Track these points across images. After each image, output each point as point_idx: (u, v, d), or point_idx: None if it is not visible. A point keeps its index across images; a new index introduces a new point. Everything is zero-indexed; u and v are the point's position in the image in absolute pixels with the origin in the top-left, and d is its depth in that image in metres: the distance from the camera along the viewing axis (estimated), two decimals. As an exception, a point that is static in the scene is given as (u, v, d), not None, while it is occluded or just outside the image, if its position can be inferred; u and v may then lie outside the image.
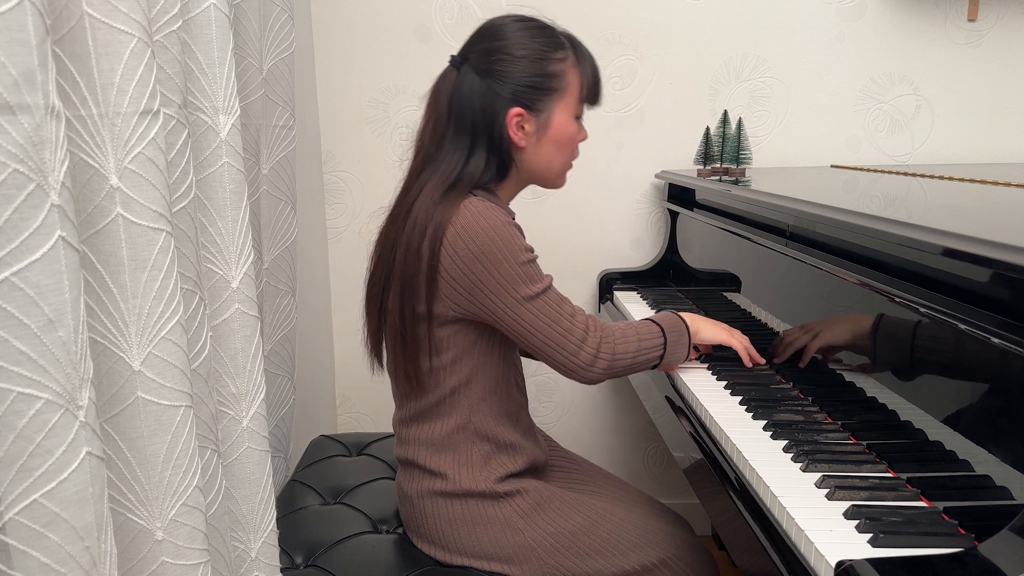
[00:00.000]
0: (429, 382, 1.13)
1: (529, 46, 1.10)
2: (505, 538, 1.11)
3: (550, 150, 1.14)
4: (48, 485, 0.58)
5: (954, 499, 0.79)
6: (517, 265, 1.05)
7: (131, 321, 0.72)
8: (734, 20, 1.93)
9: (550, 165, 1.15)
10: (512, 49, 1.09)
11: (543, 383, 2.10)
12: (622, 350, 1.11)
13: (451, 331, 1.10)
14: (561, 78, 1.11)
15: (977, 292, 0.79)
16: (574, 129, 1.15)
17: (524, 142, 1.12)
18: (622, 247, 2.03)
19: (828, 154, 1.99)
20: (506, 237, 1.05)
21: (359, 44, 1.90)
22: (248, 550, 0.98)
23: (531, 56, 1.09)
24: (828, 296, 1.10)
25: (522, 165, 1.14)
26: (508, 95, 1.09)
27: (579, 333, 1.07)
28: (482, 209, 1.06)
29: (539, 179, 1.18)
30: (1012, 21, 1.93)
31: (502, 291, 1.05)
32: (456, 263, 1.05)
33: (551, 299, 1.08)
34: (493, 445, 1.14)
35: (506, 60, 1.09)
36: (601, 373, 1.10)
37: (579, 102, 1.15)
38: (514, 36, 1.10)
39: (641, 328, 1.15)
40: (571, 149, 1.17)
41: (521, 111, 1.09)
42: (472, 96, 1.09)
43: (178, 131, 0.78)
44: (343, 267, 2.01)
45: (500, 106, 1.09)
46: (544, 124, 1.12)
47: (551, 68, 1.10)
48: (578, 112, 1.15)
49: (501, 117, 1.09)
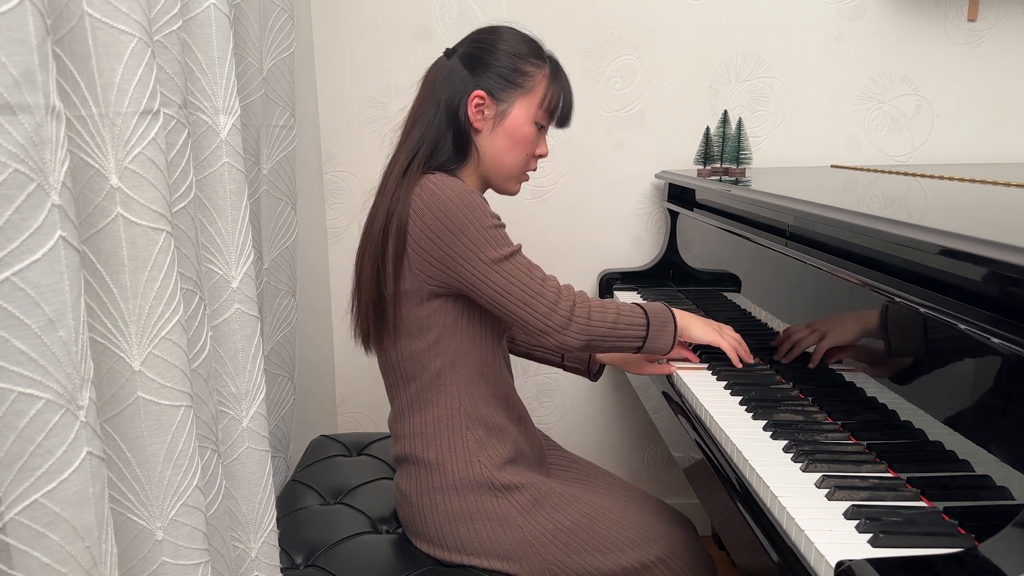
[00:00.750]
0: (413, 367, 1.14)
1: (512, 45, 1.17)
2: (504, 534, 1.11)
3: (503, 142, 1.17)
4: (49, 485, 0.58)
5: (954, 499, 0.80)
6: (484, 229, 1.07)
7: (131, 321, 0.72)
8: (734, 20, 1.93)
9: (501, 159, 1.18)
10: (497, 44, 1.17)
11: (543, 383, 2.10)
12: (599, 318, 1.11)
13: (430, 310, 1.12)
14: (530, 78, 1.17)
15: (977, 292, 0.79)
16: (530, 132, 1.18)
17: (481, 125, 1.16)
18: (622, 247, 2.03)
19: (828, 154, 1.99)
20: (470, 202, 1.08)
21: (359, 44, 1.90)
22: (248, 550, 0.98)
23: (509, 52, 1.16)
24: (828, 296, 1.10)
25: (479, 153, 1.18)
26: (478, 79, 1.15)
27: (551, 296, 1.09)
28: (445, 180, 1.10)
29: (492, 172, 1.20)
30: (1012, 21, 1.93)
31: (471, 255, 1.07)
32: (425, 234, 1.08)
33: (520, 263, 1.09)
34: (484, 429, 1.15)
35: (487, 51, 1.17)
36: (576, 336, 1.10)
37: (541, 109, 1.18)
38: (503, 36, 1.18)
39: (623, 306, 1.16)
40: (524, 151, 1.19)
41: (483, 94, 1.15)
42: (450, 78, 1.17)
43: (178, 131, 0.78)
44: (343, 267, 2.01)
45: (467, 88, 1.15)
46: (502, 114, 1.16)
47: (523, 67, 1.17)
48: (539, 120, 1.19)
49: (465, 96, 1.15)
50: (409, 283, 1.11)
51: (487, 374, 1.17)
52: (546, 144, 1.23)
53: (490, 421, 1.15)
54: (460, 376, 1.14)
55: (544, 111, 1.18)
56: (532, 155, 1.21)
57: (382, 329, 1.15)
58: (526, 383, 2.09)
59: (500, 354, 1.20)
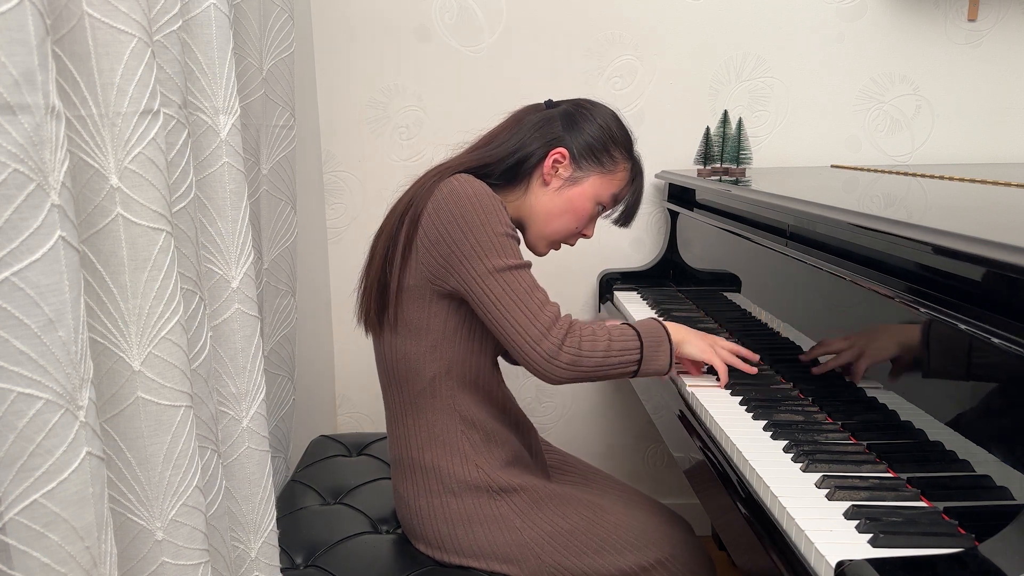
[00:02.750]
0: (407, 370, 1.13)
1: (611, 126, 1.20)
2: (502, 536, 1.11)
3: (562, 205, 1.19)
4: (48, 485, 0.58)
5: (954, 499, 0.79)
6: (495, 235, 1.06)
7: (131, 321, 0.72)
8: (734, 20, 1.93)
9: (552, 219, 1.20)
10: (597, 118, 1.20)
11: (543, 383, 2.10)
12: (589, 348, 1.05)
13: (431, 312, 1.10)
14: (614, 163, 1.20)
15: (977, 292, 0.79)
16: (590, 208, 1.20)
17: (550, 180, 1.18)
18: (622, 247, 2.03)
19: (828, 154, 1.99)
20: (488, 206, 1.06)
21: (359, 44, 1.90)
22: (248, 550, 0.98)
23: (606, 129, 1.19)
24: (828, 296, 1.10)
25: (530, 198, 1.19)
26: (569, 138, 1.18)
27: (545, 320, 1.04)
28: (470, 179, 1.09)
29: (534, 225, 1.21)
30: (1012, 21, 1.93)
31: (475, 257, 1.05)
32: (436, 223, 1.07)
33: (523, 279, 1.06)
34: (482, 433, 1.14)
35: (587, 119, 1.19)
36: (565, 368, 1.04)
37: (610, 196, 1.21)
38: (607, 114, 1.21)
39: (614, 331, 1.09)
40: (575, 223, 1.21)
41: (566, 152, 1.17)
42: (543, 125, 1.18)
43: (178, 131, 0.78)
44: (343, 267, 2.01)
45: (555, 141, 1.18)
46: (574, 180, 1.18)
47: (613, 150, 1.20)
48: (604, 203, 1.21)
49: (549, 148, 1.17)
50: (414, 278, 1.10)
51: (482, 385, 1.15)
52: (594, 227, 1.25)
53: (487, 426, 1.15)
54: (454, 384, 1.13)
55: (612, 197, 1.21)
56: (579, 231, 1.22)
57: (382, 317, 1.14)
58: (526, 383, 2.09)
59: (498, 372, 1.19)
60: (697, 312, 1.64)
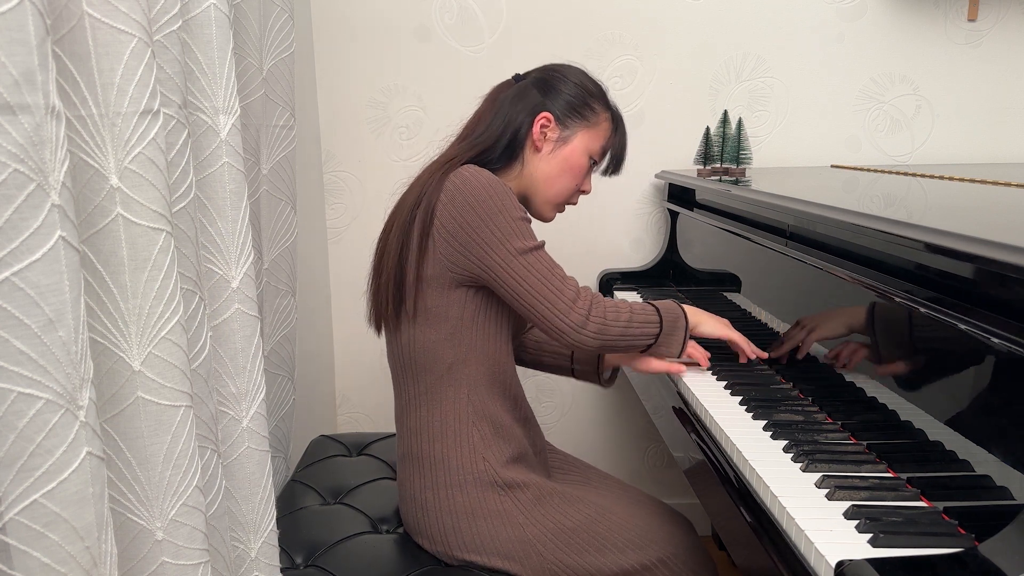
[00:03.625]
0: (425, 358, 1.14)
1: (584, 83, 1.23)
2: (505, 532, 1.11)
3: (558, 167, 1.22)
4: (48, 485, 0.58)
5: (954, 499, 0.79)
6: (512, 219, 1.09)
7: (131, 321, 0.72)
8: (734, 20, 1.93)
9: (552, 182, 1.23)
10: (570, 77, 1.23)
11: (543, 383, 2.10)
12: (613, 317, 1.12)
13: (451, 299, 1.12)
14: (596, 115, 1.23)
15: (977, 292, 0.79)
16: (584, 163, 1.24)
17: (542, 145, 1.21)
18: (622, 247, 2.03)
19: (828, 154, 1.99)
20: (501, 192, 1.10)
21: (359, 44, 1.90)
22: (248, 550, 0.98)
23: (581, 86, 1.22)
24: (828, 296, 1.10)
25: (527, 168, 1.22)
26: (549, 103, 1.20)
27: (570, 293, 1.09)
28: (479, 170, 1.13)
29: (536, 192, 1.24)
30: (1012, 21, 1.93)
31: (496, 242, 1.08)
32: (453, 217, 1.09)
33: (543, 258, 1.11)
34: (491, 426, 1.15)
35: (561, 80, 1.22)
36: (592, 336, 1.10)
37: (600, 148, 1.24)
38: (576, 72, 1.24)
39: (635, 305, 1.16)
40: (574, 181, 1.24)
41: (550, 116, 1.20)
42: (520, 97, 1.21)
43: (178, 131, 0.78)
44: (343, 267, 2.01)
45: (537, 108, 1.20)
46: (564, 140, 1.21)
47: (593, 105, 1.22)
48: (595, 155, 1.24)
49: (533, 116, 1.20)
50: (432, 268, 1.11)
51: (498, 373, 1.17)
52: (591, 181, 1.27)
53: (497, 419, 1.15)
54: (471, 372, 1.14)
55: (601, 149, 1.24)
56: (578, 188, 1.25)
57: (400, 310, 1.15)
58: (526, 384, 2.09)
59: (512, 362, 1.21)
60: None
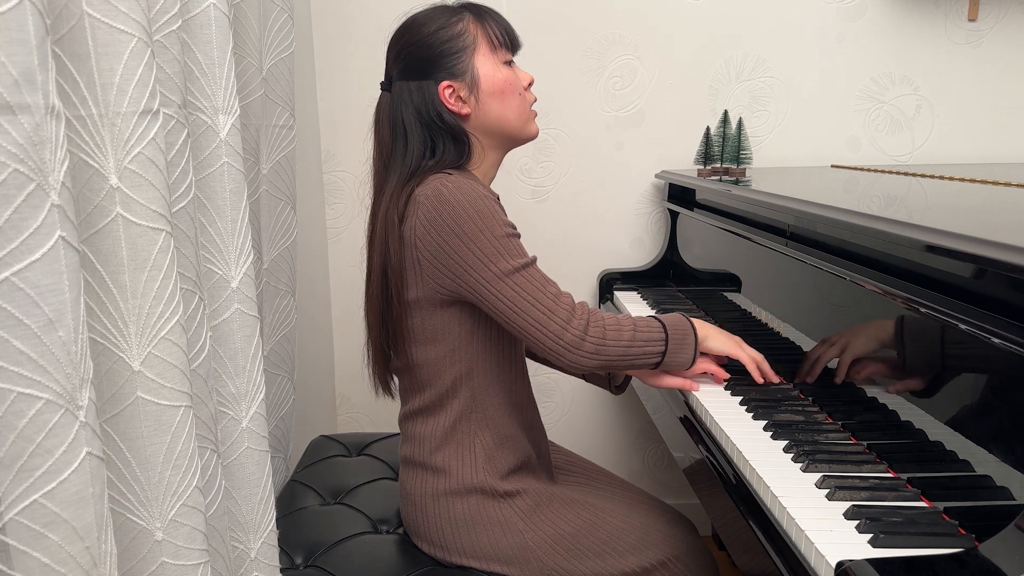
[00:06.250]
0: (428, 374, 1.13)
1: (427, 28, 1.13)
2: (505, 539, 1.11)
3: (493, 104, 1.14)
4: (48, 485, 0.58)
5: (954, 499, 0.79)
6: (495, 238, 1.04)
7: (131, 321, 0.72)
8: (734, 20, 1.93)
9: (504, 117, 1.15)
10: (415, 40, 1.13)
11: (543, 383, 2.09)
12: (613, 337, 1.06)
13: (444, 318, 1.10)
14: (465, 35, 1.13)
15: (977, 292, 0.79)
16: (506, 74, 1.15)
17: (466, 108, 1.13)
18: (622, 247, 2.03)
19: (828, 154, 1.99)
20: (482, 209, 1.04)
21: (359, 44, 1.90)
22: (248, 550, 0.98)
23: (431, 33, 1.12)
24: (828, 296, 1.09)
25: (479, 133, 1.15)
26: (431, 77, 1.12)
27: (563, 313, 1.04)
28: (456, 182, 1.06)
29: (503, 136, 1.17)
30: (1012, 21, 1.93)
31: (480, 265, 1.04)
32: (433, 238, 1.05)
33: (533, 276, 1.05)
34: (494, 437, 1.14)
35: (414, 51, 1.13)
36: (589, 356, 1.05)
37: (495, 49, 1.15)
38: (413, 30, 1.14)
39: (640, 321, 1.11)
40: (515, 94, 1.16)
41: (448, 82, 1.12)
42: (406, 100, 1.13)
43: (178, 131, 0.78)
44: (343, 267, 2.01)
45: (430, 90, 1.12)
46: (473, 82, 1.13)
47: (452, 32, 1.12)
48: (502, 58, 1.15)
49: (435, 98, 1.12)
50: (423, 291, 1.09)
51: (504, 382, 1.15)
52: (525, 72, 1.19)
53: (501, 429, 1.15)
54: (474, 384, 1.13)
55: (494, 51, 1.15)
56: (523, 91, 1.18)
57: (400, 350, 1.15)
58: (526, 383, 2.09)
59: (517, 363, 1.19)
60: (698, 312, 1.64)
